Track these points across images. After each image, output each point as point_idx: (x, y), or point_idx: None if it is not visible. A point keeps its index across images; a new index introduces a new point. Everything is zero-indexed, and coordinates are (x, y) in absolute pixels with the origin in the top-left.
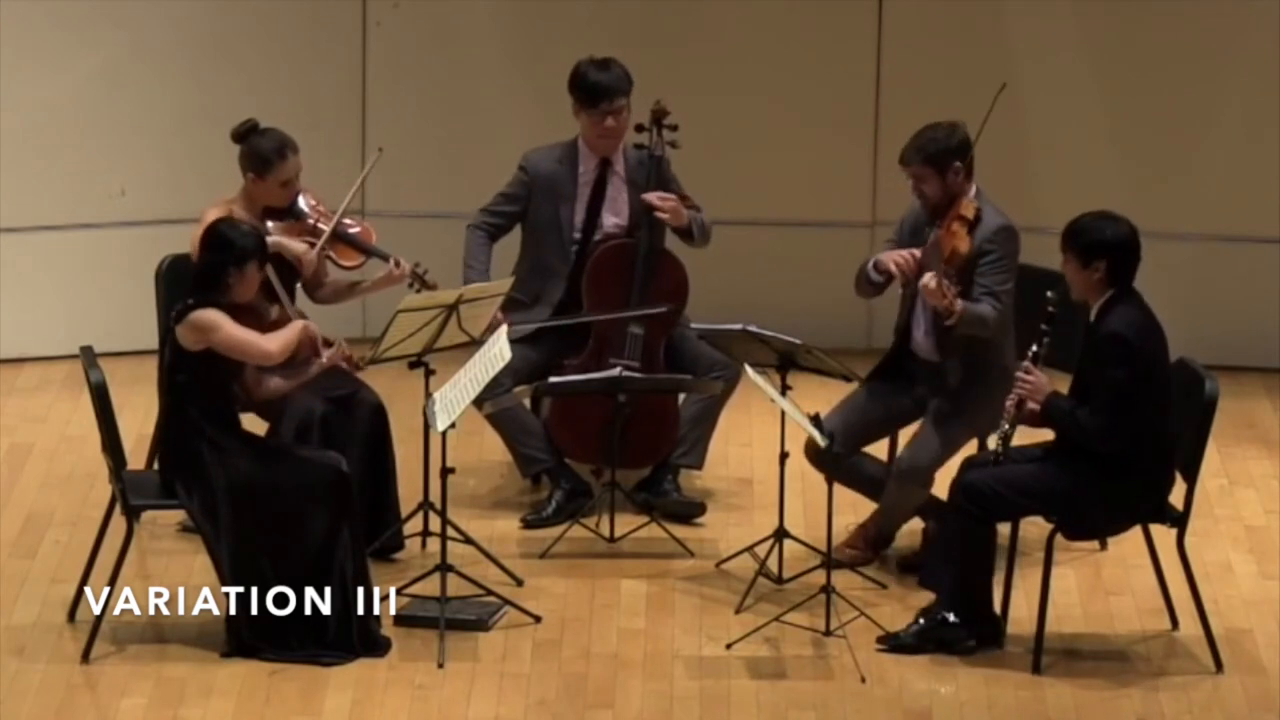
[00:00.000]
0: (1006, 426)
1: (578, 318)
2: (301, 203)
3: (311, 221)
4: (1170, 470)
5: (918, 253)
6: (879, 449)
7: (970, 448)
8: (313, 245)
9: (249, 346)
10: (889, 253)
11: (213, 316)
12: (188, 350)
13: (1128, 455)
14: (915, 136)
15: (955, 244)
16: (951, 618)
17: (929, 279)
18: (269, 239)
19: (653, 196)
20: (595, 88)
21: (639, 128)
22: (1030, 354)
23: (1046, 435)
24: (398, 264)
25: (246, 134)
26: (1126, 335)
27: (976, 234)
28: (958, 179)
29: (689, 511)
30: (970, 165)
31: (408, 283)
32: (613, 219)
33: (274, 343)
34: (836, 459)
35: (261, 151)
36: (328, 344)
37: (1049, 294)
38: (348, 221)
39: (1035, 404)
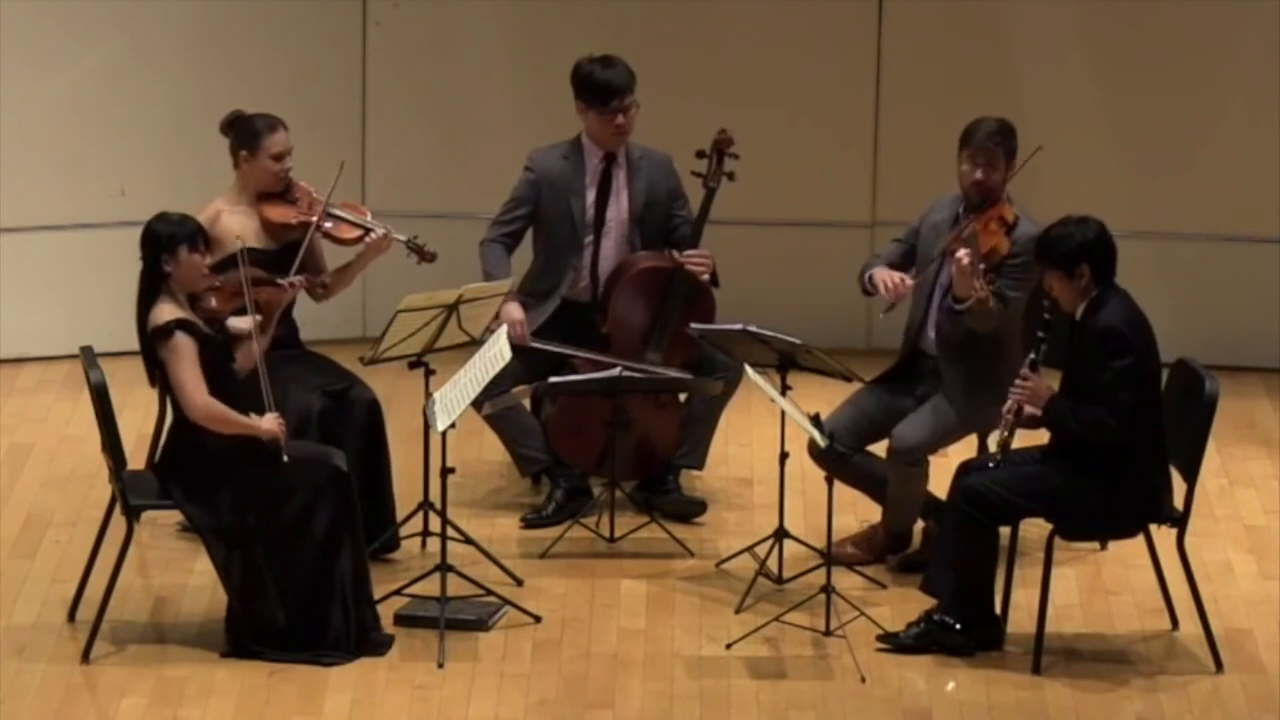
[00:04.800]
0: (1005, 433)
1: (599, 354)
2: (295, 189)
3: (306, 204)
4: (1167, 469)
5: (909, 280)
6: (881, 449)
7: (968, 450)
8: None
9: (182, 392)
10: (882, 271)
11: (179, 345)
12: None
13: (1126, 454)
14: (978, 124)
15: (995, 243)
16: (953, 622)
17: (964, 254)
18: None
19: (693, 264)
20: (604, 87)
21: (699, 154)
22: (1029, 360)
23: (1045, 437)
24: (377, 233)
25: (233, 120)
26: (1121, 328)
27: (1011, 237)
28: (1010, 172)
29: (689, 511)
30: None
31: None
32: (614, 213)
33: (204, 406)
34: (841, 457)
35: (251, 127)
36: (294, 278)
37: (1044, 302)
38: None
39: (1035, 409)
